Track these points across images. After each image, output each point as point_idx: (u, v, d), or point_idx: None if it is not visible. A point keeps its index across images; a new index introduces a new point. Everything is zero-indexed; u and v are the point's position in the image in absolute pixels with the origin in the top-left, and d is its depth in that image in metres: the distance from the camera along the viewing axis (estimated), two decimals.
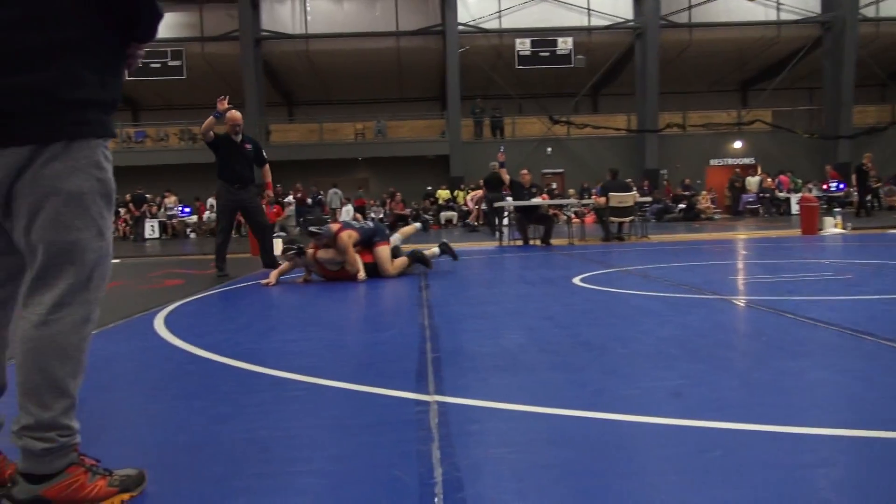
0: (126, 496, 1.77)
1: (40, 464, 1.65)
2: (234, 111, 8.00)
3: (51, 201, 1.66)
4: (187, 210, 23.77)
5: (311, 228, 7.18)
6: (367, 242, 7.20)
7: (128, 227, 22.65)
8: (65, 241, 1.68)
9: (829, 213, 14.07)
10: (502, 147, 14.73)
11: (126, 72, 1.92)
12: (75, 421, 1.71)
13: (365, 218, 18.37)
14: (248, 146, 8.05)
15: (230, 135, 7.98)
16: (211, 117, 7.86)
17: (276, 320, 4.98)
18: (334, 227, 7.07)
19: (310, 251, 7.03)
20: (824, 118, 26.32)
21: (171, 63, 24.68)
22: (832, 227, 12.97)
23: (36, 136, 1.64)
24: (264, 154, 8.30)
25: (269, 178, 8.40)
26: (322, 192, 24.12)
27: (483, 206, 18.76)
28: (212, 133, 7.88)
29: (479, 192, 19.80)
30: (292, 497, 1.77)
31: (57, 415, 1.65)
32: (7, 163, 1.63)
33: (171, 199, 23.63)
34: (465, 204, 22.56)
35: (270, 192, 8.26)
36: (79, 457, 1.74)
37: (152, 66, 24.15)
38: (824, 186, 22.17)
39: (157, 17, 1.79)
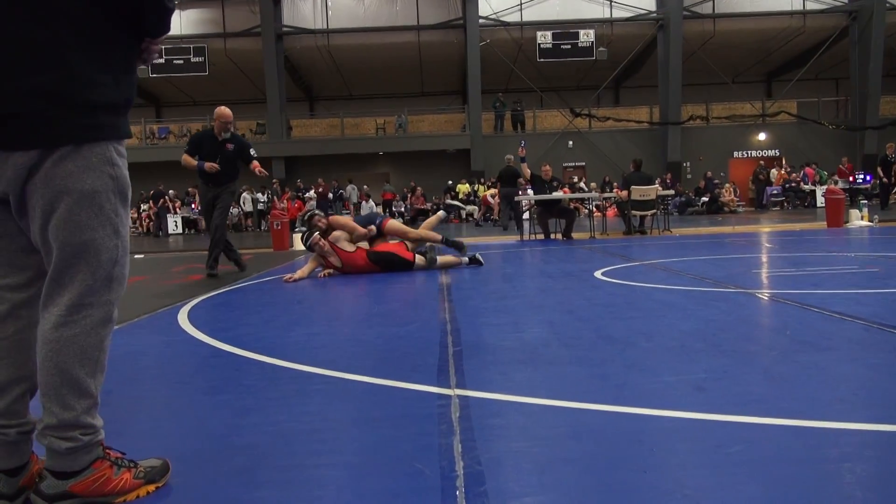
0: (151, 487, 1.79)
1: (65, 461, 1.66)
2: (223, 108, 7.77)
3: (63, 201, 1.62)
4: None
5: (308, 213, 7.49)
6: (376, 229, 7.30)
7: (151, 223, 23.01)
8: (79, 241, 1.65)
9: (855, 205, 13.85)
10: (523, 142, 14.63)
11: (146, 66, 1.88)
12: (98, 419, 1.71)
13: (392, 215, 18.74)
14: (231, 146, 7.75)
15: (215, 133, 7.75)
16: (195, 164, 7.71)
17: (298, 315, 5.01)
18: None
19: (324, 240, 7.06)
20: (851, 109, 25.91)
21: (193, 59, 24.92)
22: (858, 219, 12.78)
23: (44, 140, 1.59)
24: (252, 152, 7.92)
25: (256, 166, 7.92)
26: (343, 188, 24.23)
27: (497, 200, 18.75)
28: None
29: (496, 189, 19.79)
30: (315, 489, 1.78)
31: (79, 414, 1.65)
32: (16, 163, 1.59)
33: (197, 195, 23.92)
34: (485, 200, 22.52)
35: (257, 165, 7.89)
36: (104, 450, 1.74)
37: (175, 62, 24.45)
38: (850, 179, 21.83)
39: (165, 11, 1.72)
